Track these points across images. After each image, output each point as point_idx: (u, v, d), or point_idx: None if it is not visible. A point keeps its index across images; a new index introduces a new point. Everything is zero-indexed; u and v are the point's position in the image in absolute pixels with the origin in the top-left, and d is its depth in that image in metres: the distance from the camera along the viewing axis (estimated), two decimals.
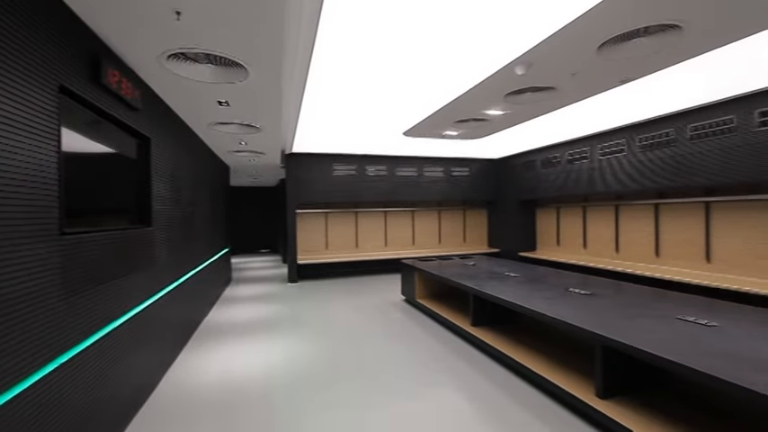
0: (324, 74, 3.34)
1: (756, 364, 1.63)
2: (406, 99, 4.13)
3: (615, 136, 5.39)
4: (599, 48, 2.83)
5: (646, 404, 2.10)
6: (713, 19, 2.45)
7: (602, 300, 2.84)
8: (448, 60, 3.13)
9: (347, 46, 2.89)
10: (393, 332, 3.95)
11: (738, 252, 4.33)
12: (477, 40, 2.80)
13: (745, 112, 3.89)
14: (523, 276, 3.88)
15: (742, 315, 2.40)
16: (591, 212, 6.36)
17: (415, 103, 4.27)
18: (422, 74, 3.41)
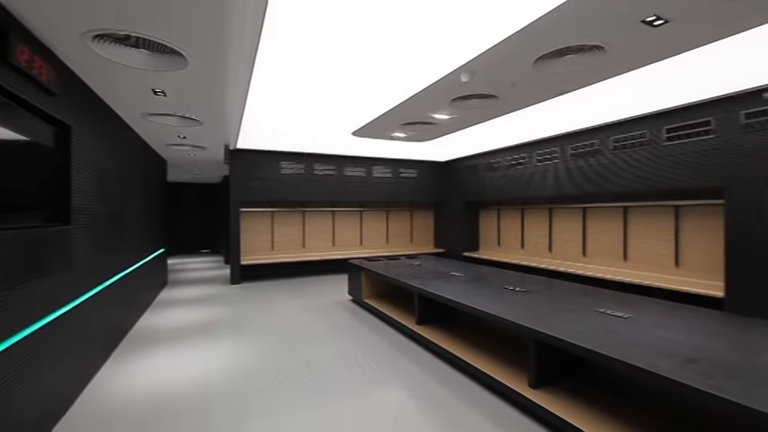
0: (273, 69, 3.24)
1: (659, 350, 1.84)
2: (355, 99, 4.13)
3: (550, 144, 5.81)
4: (535, 61, 3.04)
5: (571, 391, 2.29)
6: (631, 44, 2.73)
7: (535, 296, 3.05)
8: (397, 63, 3.18)
9: (298, 42, 2.83)
10: (339, 332, 3.92)
11: (649, 252, 4.87)
12: (427, 46, 2.87)
13: (656, 128, 4.38)
14: (466, 276, 4.05)
15: (650, 307, 2.70)
16: (528, 215, 6.80)
17: (364, 103, 4.28)
18: (372, 75, 3.43)
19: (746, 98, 3.65)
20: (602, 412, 2.05)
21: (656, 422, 1.95)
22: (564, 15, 2.38)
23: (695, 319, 2.39)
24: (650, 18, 2.43)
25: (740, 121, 3.69)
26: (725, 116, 3.80)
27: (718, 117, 3.86)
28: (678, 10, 2.33)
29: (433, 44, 2.87)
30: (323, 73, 3.40)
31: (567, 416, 2.03)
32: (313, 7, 2.44)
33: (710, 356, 1.77)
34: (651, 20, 2.45)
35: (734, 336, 2.13)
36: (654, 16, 2.40)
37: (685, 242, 4.51)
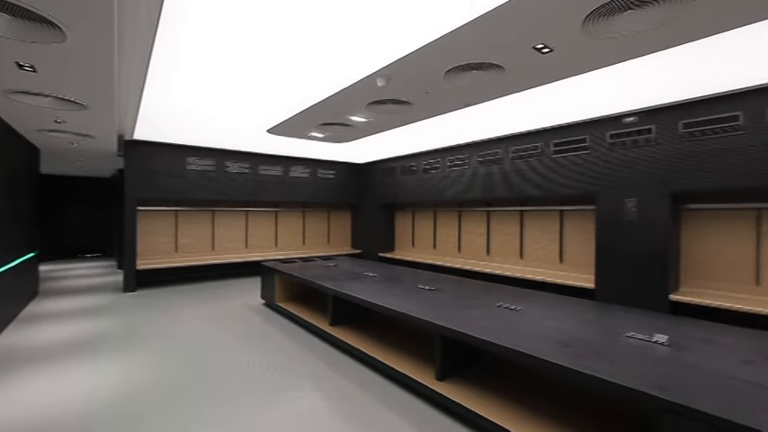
0: (180, 55, 2.95)
1: (543, 337, 2.09)
2: (271, 95, 3.96)
3: (461, 151, 6.24)
4: (446, 73, 3.24)
5: (473, 380, 2.48)
6: (525, 66, 3.06)
7: (443, 294, 3.24)
8: (315, 62, 3.14)
9: (209, 30, 2.62)
10: (250, 338, 3.72)
11: (540, 251, 5.51)
12: (345, 48, 2.88)
13: (546, 142, 4.98)
14: (380, 276, 4.15)
15: (540, 300, 3.05)
16: (440, 217, 7.21)
17: (280, 100, 4.14)
18: (289, 72, 3.33)
19: (611, 121, 4.35)
20: (500, 397, 2.26)
21: (543, 401, 2.21)
22: (468, 34, 2.58)
23: (572, 309, 2.77)
24: (539, 46, 2.75)
25: (607, 140, 4.38)
26: (596, 135, 4.47)
27: (591, 136, 4.52)
28: (560, 42, 2.68)
29: (351, 46, 2.89)
30: (237, 65, 3.20)
31: (469, 403, 2.20)
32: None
33: (582, 340, 2.06)
34: (540, 47, 2.77)
35: (600, 321, 2.51)
36: (542, 44, 2.73)
37: (568, 242, 5.20)
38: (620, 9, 2.28)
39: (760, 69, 3.17)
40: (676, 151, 3.87)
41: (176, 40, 2.76)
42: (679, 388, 1.49)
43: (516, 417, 2.05)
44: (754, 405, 1.36)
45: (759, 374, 1.62)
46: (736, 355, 1.83)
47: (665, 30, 2.49)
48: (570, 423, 1.98)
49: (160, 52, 2.90)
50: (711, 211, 3.99)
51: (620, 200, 4.23)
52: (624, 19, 2.36)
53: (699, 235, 4.07)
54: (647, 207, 4.03)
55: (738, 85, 3.48)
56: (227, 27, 2.62)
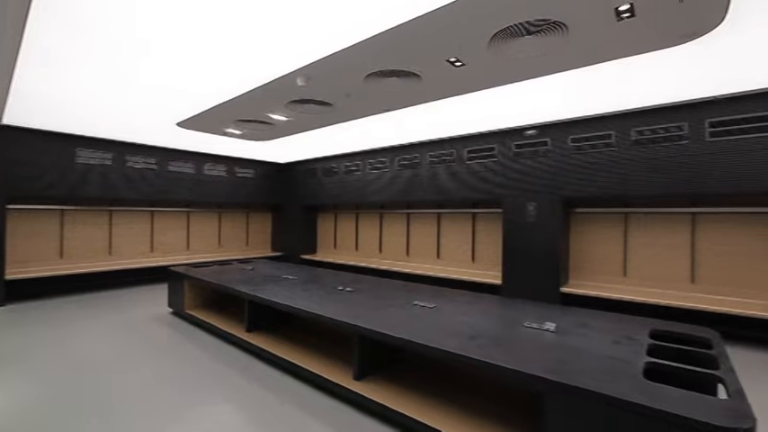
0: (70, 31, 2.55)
1: (453, 332, 2.24)
2: (182, 86, 3.64)
3: (382, 154, 6.39)
4: (366, 77, 3.30)
5: (390, 378, 2.55)
6: (441, 77, 3.25)
7: (362, 294, 3.29)
8: (233, 54, 2.96)
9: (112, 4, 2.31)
10: (153, 352, 3.38)
11: (455, 251, 5.88)
12: (265, 43, 2.77)
13: (461, 148, 5.35)
14: (300, 278, 4.07)
15: (453, 297, 3.25)
16: (362, 218, 7.30)
17: (193, 92, 3.82)
18: (204, 62, 3.09)
19: (516, 133, 4.82)
20: (415, 392, 2.36)
21: (455, 393, 2.36)
22: (388, 42, 2.66)
23: (481, 304, 3.01)
24: (452, 59, 2.95)
25: (512, 149, 4.84)
26: (503, 145, 4.92)
27: (499, 145, 4.97)
28: (470, 58, 2.90)
29: (272, 42, 2.79)
30: (143, 48, 2.88)
31: (386, 400, 2.26)
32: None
33: (486, 332, 2.25)
34: (453, 61, 2.97)
35: (503, 314, 2.77)
36: (454, 58, 2.93)
37: (479, 242, 5.63)
38: (519, 34, 2.54)
39: (631, 96, 3.78)
40: (566, 162, 4.43)
41: (68, 17, 2.40)
42: (562, 368, 1.71)
43: (430, 409, 2.16)
44: (620, 377, 1.62)
45: (624, 352, 1.93)
46: (605, 336, 2.16)
47: (556, 56, 2.84)
48: (479, 411, 2.15)
49: (43, 27, 2.50)
50: (592, 214, 4.64)
51: (522, 204, 4.70)
52: (523, 43, 2.64)
53: (583, 235, 4.71)
54: (544, 211, 4.55)
55: (612, 108, 4.10)
56: (131, 4, 2.36)
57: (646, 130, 3.98)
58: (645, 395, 1.45)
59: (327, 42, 2.76)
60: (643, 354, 1.90)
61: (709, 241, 4.00)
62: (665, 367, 1.77)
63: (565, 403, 1.57)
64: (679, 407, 1.36)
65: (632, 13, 2.31)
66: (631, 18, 2.35)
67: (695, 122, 3.74)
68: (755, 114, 3.46)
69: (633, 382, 1.58)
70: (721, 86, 3.48)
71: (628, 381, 1.60)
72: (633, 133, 4.04)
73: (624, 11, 2.28)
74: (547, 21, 2.38)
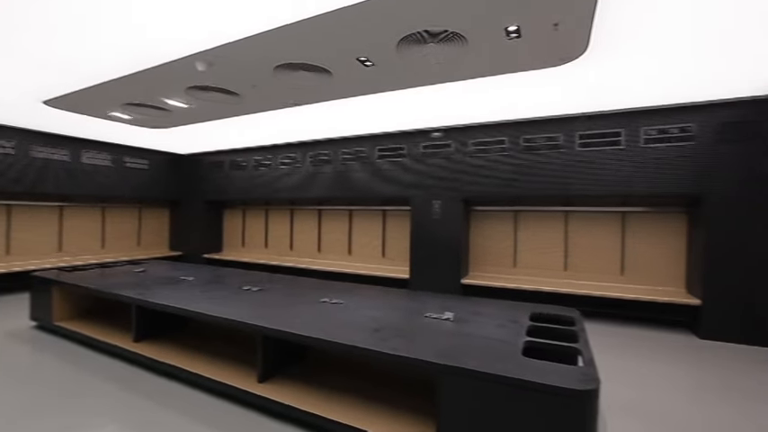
0: None
1: (359, 326, 2.29)
2: (55, 56, 3.06)
3: (293, 149, 6.21)
4: (275, 68, 3.18)
5: (297, 377, 2.51)
6: (352, 75, 3.28)
7: (269, 294, 3.18)
8: (121, 25, 2.57)
9: None
10: (17, 376, 2.83)
11: (366, 247, 6.00)
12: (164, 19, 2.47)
13: (371, 147, 5.46)
14: (200, 279, 3.77)
15: (362, 292, 3.31)
16: (272, 215, 7.03)
17: (65, 64, 3.25)
18: (80, 30, 2.63)
19: (423, 134, 5.09)
20: (323, 390, 2.36)
21: (363, 386, 2.41)
22: (297, 34, 2.60)
23: (388, 298, 3.12)
24: (362, 58, 3.00)
25: (420, 149, 5.11)
26: (412, 145, 5.16)
27: (408, 145, 5.19)
28: (379, 58, 2.97)
29: (169, 19, 2.51)
30: None
31: (292, 400, 2.22)
32: None
33: (390, 324, 2.35)
34: (363, 60, 3.02)
35: (407, 306, 2.91)
36: (364, 57, 2.98)
37: (389, 238, 5.82)
38: (424, 41, 2.69)
39: (522, 105, 4.24)
40: (467, 164, 4.81)
41: None
42: (455, 353, 1.87)
43: (339, 405, 2.17)
44: (502, 356, 1.82)
45: (508, 334, 2.17)
46: (494, 321, 2.41)
47: (458, 65, 3.06)
48: (387, 402, 2.22)
49: None
50: (489, 212, 5.12)
51: (428, 202, 4.99)
52: (428, 50, 2.80)
53: (481, 230, 5.18)
54: (447, 208, 4.88)
55: (506, 116, 4.57)
56: None
57: (532, 138, 4.52)
58: (521, 370, 1.66)
59: (232, 28, 2.59)
60: (523, 334, 2.17)
61: (577, 235, 4.71)
62: (539, 345, 2.04)
63: (455, 384, 1.72)
64: (545, 377, 1.58)
65: (519, 34, 2.59)
66: (519, 38, 2.65)
67: (568, 134, 4.36)
68: (609, 131, 4.17)
69: (513, 360, 1.80)
70: (588, 105, 4.11)
71: (509, 359, 1.81)
72: (522, 140, 4.56)
73: (512, 31, 2.56)
74: (447, 32, 2.56)
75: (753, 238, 3.61)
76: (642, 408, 2.44)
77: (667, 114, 3.96)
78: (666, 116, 3.97)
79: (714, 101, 3.78)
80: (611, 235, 4.55)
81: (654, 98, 3.85)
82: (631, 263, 4.45)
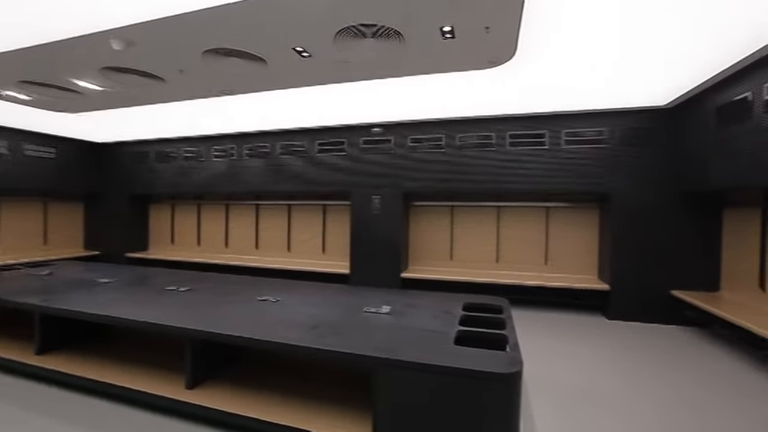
0: None
1: (295, 324, 2.24)
2: None
3: (227, 141, 5.88)
4: (204, 53, 2.97)
5: (231, 380, 2.39)
6: (288, 65, 3.17)
7: (199, 294, 2.99)
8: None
9: None
10: None
11: (305, 243, 5.89)
12: None
13: (311, 141, 5.36)
14: (120, 281, 3.44)
15: (300, 289, 3.25)
16: (206, 210, 6.61)
17: None
18: None
19: (363, 129, 5.09)
20: (258, 391, 2.27)
21: (300, 385, 2.36)
22: (229, 17, 2.45)
23: (327, 294, 3.09)
24: (299, 48, 2.91)
25: (360, 144, 5.11)
26: (352, 140, 5.14)
27: (348, 140, 5.17)
28: (316, 50, 2.91)
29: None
30: None
31: (226, 405, 2.11)
32: None
33: (328, 321, 2.33)
34: (300, 50, 2.93)
35: (346, 302, 2.90)
36: (301, 48, 2.90)
37: (329, 234, 5.77)
38: (361, 35, 2.68)
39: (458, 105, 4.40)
40: (406, 159, 4.91)
41: None
42: (390, 345, 1.90)
43: (276, 406, 2.10)
44: (435, 346, 1.89)
45: (441, 324, 2.26)
46: (429, 313, 2.49)
47: (395, 62, 3.10)
48: (325, 399, 2.20)
49: None
50: (427, 207, 5.28)
51: (368, 197, 5.02)
52: (365, 45, 2.79)
53: (420, 225, 5.32)
54: (387, 203, 4.95)
55: (443, 115, 4.72)
56: None
57: (467, 136, 4.72)
58: (452, 358, 1.74)
59: (155, 4, 2.37)
60: (456, 324, 2.27)
61: (507, 229, 5.03)
62: (470, 333, 2.15)
63: (390, 375, 1.76)
64: (473, 363, 1.67)
65: (453, 35, 2.68)
66: (453, 39, 2.74)
67: (500, 133, 4.62)
68: (535, 132, 4.50)
69: (445, 349, 1.88)
70: (518, 107, 4.38)
71: (441, 348, 1.88)
72: (458, 138, 4.75)
73: (447, 31, 2.64)
74: (383, 27, 2.57)
75: (648, 231, 4.12)
76: (559, 383, 2.68)
77: (584, 119, 4.37)
78: (583, 121, 4.37)
79: (621, 109, 4.23)
80: (536, 228, 4.92)
81: (573, 104, 4.22)
82: (554, 253, 4.86)
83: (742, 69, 3.05)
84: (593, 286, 4.35)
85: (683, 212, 4.04)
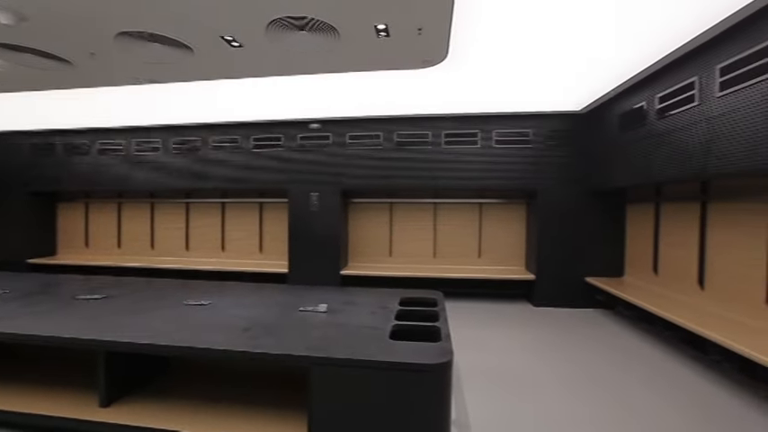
0: None
1: (226, 327, 2.13)
2: None
3: (151, 133, 5.42)
4: (117, 35, 2.70)
5: (153, 395, 2.21)
6: (216, 55, 2.99)
7: (117, 301, 2.73)
8: None
9: None
10: None
11: (242, 241, 5.64)
12: None
13: (246, 135, 5.12)
14: (20, 290, 3.02)
15: (233, 290, 3.10)
16: (126, 209, 6.04)
17: None
18: None
19: (301, 125, 4.98)
20: (187, 403, 2.12)
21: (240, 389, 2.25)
22: None
23: (262, 294, 2.98)
24: (228, 38, 2.76)
25: (297, 140, 4.99)
26: (289, 135, 5.00)
27: (285, 135, 5.02)
28: (247, 41, 2.78)
29: None
30: None
31: (148, 421, 1.94)
32: None
33: (261, 322, 2.24)
34: (229, 39, 2.78)
35: (282, 302, 2.82)
36: (231, 37, 2.75)
37: (267, 232, 5.57)
38: (295, 27, 2.61)
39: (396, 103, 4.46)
40: (345, 156, 4.89)
41: None
42: (325, 344, 1.89)
43: (206, 417, 1.98)
44: (371, 342, 1.91)
45: (378, 320, 2.29)
46: (367, 309, 2.51)
47: (330, 57, 3.06)
48: (262, 404, 2.12)
49: None
50: (366, 203, 5.31)
51: (306, 194, 4.92)
52: (299, 38, 2.72)
53: (359, 222, 5.34)
54: (326, 200, 4.89)
55: (381, 112, 4.76)
56: None
57: (405, 134, 4.82)
58: (385, 353, 1.77)
59: None
60: (392, 319, 2.31)
61: (443, 224, 5.23)
62: (405, 327, 2.20)
63: (325, 374, 1.74)
64: (406, 356, 1.72)
65: (388, 34, 2.71)
66: (388, 37, 2.77)
67: (436, 132, 4.78)
68: (468, 131, 4.72)
69: (380, 344, 1.90)
70: (453, 107, 4.55)
71: (376, 344, 1.90)
72: (396, 136, 4.83)
73: (381, 30, 2.66)
74: (316, 20, 2.53)
75: (567, 225, 4.53)
76: (491, 369, 2.85)
77: (512, 121, 4.66)
78: (511, 122, 4.67)
79: (544, 112, 4.59)
80: (471, 224, 5.18)
81: (502, 106, 4.49)
82: (486, 247, 5.15)
83: (639, 81, 3.45)
84: (520, 276, 4.69)
85: (596, 208, 4.50)
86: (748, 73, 2.33)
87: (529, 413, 2.28)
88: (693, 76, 2.81)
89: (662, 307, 3.20)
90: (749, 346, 2.34)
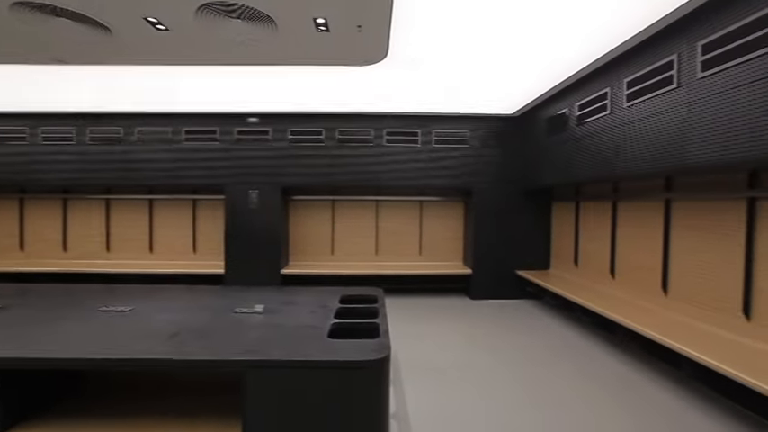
0: None
1: (149, 333, 1.97)
2: None
3: (63, 121, 4.84)
4: (12, 6, 2.36)
5: (63, 415, 1.98)
6: (137, 38, 2.74)
7: (17, 311, 2.40)
8: None
9: None
10: None
11: (173, 241, 5.24)
12: None
13: (177, 127, 4.77)
14: None
15: (160, 294, 2.87)
16: (31, 207, 5.32)
17: None
18: None
19: (238, 118, 4.74)
20: (107, 422, 1.93)
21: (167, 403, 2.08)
22: None
23: (193, 297, 2.80)
24: (153, 20, 2.54)
25: (235, 135, 4.75)
26: (225, 129, 4.75)
27: (221, 128, 4.75)
28: (174, 24, 2.58)
29: None
30: None
31: None
32: None
33: (191, 327, 2.10)
34: (154, 22, 2.56)
35: (216, 304, 2.66)
36: (155, 19, 2.53)
37: (201, 231, 5.24)
38: (227, 13, 2.47)
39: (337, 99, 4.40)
40: (285, 153, 4.75)
41: None
42: (260, 346, 1.82)
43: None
44: (309, 342, 1.87)
45: (317, 319, 2.25)
46: (306, 309, 2.46)
47: (264, 48, 2.94)
48: (192, 413, 1.98)
49: None
50: (307, 201, 5.21)
51: (245, 191, 4.71)
52: (232, 25, 2.59)
53: (300, 220, 5.23)
54: (266, 198, 4.72)
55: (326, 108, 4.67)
56: None
57: (347, 131, 4.79)
58: (323, 352, 1.75)
59: None
60: (331, 317, 2.29)
61: (385, 222, 5.30)
62: (345, 325, 2.19)
63: (260, 377, 1.68)
64: (344, 354, 1.71)
65: (327, 28, 2.67)
66: (328, 32, 2.72)
67: (378, 130, 4.81)
68: (409, 131, 4.82)
69: (318, 344, 1.87)
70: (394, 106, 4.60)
71: (315, 343, 1.87)
72: (338, 133, 4.78)
73: (321, 24, 2.61)
74: (250, 9, 2.41)
75: (501, 222, 4.82)
76: (429, 361, 2.94)
77: (450, 121, 4.84)
78: (450, 123, 4.84)
79: (480, 114, 4.82)
80: (412, 221, 5.29)
81: (442, 106, 4.63)
82: (426, 244, 5.30)
83: (564, 89, 3.76)
84: (458, 271, 4.89)
85: (527, 206, 4.83)
86: (649, 87, 2.64)
87: (466, 400, 2.39)
88: (606, 87, 3.12)
89: (579, 295, 3.53)
90: (647, 325, 2.66)
